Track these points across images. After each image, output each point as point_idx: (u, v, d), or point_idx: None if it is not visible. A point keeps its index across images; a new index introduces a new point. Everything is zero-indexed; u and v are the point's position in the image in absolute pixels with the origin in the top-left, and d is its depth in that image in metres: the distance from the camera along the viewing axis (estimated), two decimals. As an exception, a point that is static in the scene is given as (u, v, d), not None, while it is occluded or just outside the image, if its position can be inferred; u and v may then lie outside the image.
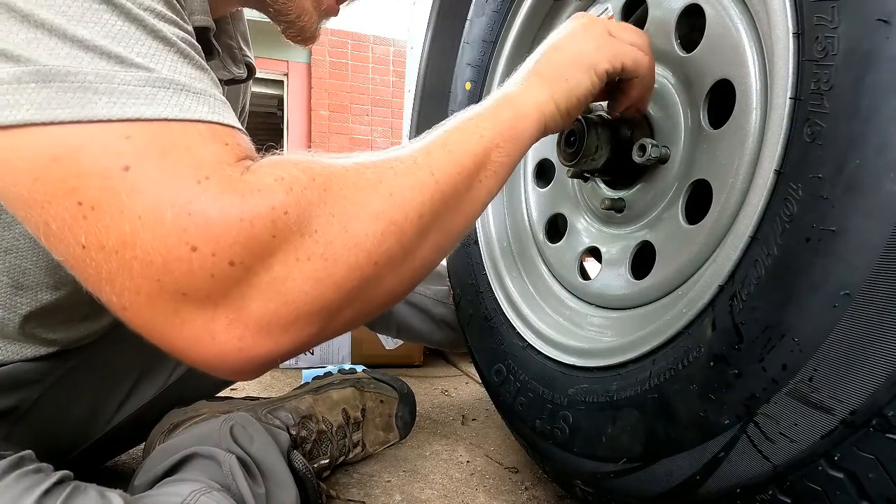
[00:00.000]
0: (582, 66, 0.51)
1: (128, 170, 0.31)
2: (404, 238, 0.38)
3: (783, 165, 0.40)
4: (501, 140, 0.45)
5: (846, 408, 0.35)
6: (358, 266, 0.36)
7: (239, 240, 0.32)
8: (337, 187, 0.36)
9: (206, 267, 0.31)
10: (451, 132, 0.44)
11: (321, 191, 0.35)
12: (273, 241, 0.33)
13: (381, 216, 0.37)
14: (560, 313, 0.71)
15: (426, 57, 1.32)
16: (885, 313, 0.33)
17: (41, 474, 0.42)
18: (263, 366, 0.36)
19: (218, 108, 0.36)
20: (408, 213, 0.38)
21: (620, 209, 0.64)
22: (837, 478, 0.36)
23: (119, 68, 0.32)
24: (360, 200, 0.37)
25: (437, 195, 0.40)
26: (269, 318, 0.34)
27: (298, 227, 0.34)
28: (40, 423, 0.59)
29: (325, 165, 0.37)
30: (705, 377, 0.44)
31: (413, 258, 0.40)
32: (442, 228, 0.42)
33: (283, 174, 0.35)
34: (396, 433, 0.89)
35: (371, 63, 5.91)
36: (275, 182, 0.34)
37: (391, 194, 0.38)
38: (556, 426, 0.61)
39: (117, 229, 0.31)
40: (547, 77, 0.50)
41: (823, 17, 0.38)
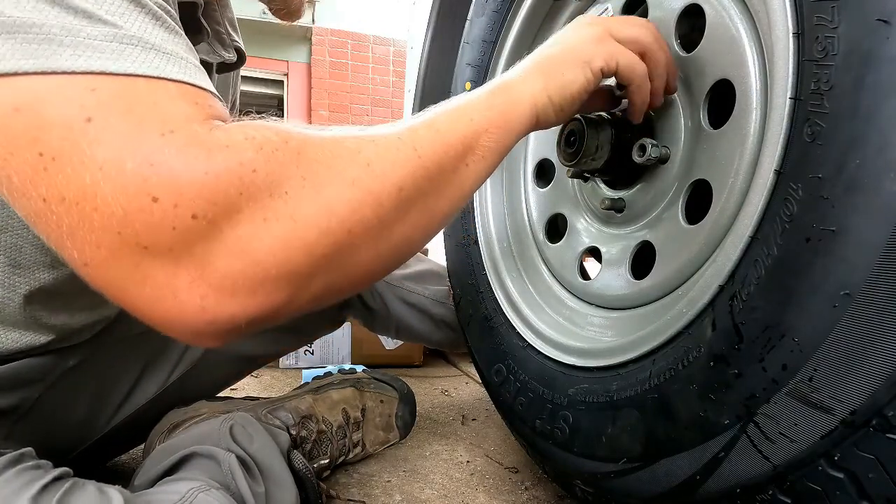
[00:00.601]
0: (578, 62, 0.51)
1: (90, 121, 0.30)
2: (381, 210, 0.38)
3: (783, 165, 0.40)
4: (491, 126, 0.45)
5: (846, 408, 0.35)
6: (330, 231, 0.35)
7: (202, 193, 0.31)
8: (312, 152, 0.36)
9: (167, 218, 0.31)
10: (440, 113, 0.44)
11: (294, 154, 0.35)
12: (240, 198, 0.32)
13: (357, 184, 0.36)
14: (560, 313, 0.71)
15: (426, 57, 1.32)
16: (885, 313, 0.33)
17: (40, 470, 0.43)
18: (227, 331, 0.34)
19: (190, 70, 0.35)
20: (385, 184, 0.38)
21: (620, 209, 0.64)
22: (837, 478, 0.36)
23: (86, 23, 0.32)
24: (336, 166, 0.36)
25: (421, 171, 0.40)
26: (234, 277, 0.33)
27: (267, 186, 0.33)
28: (41, 423, 0.59)
29: (300, 132, 0.37)
30: (705, 377, 0.44)
31: (391, 232, 0.39)
32: (425, 207, 0.41)
33: (254, 134, 0.34)
34: (396, 433, 0.89)
35: (371, 63, 5.91)
36: (245, 140, 0.33)
37: (369, 164, 0.37)
38: (556, 426, 0.61)
39: (78, 180, 0.30)
40: (543, 70, 0.50)
41: (823, 17, 0.38)
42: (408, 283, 0.97)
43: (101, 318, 0.61)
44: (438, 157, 0.41)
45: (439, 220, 0.44)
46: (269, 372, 1.39)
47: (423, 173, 0.40)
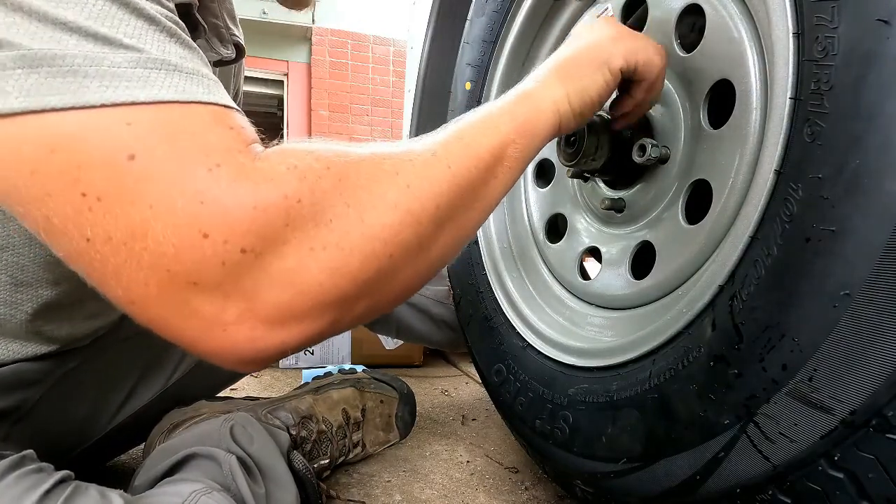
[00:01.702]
0: (596, 64, 0.51)
1: (133, 158, 0.30)
2: (421, 229, 0.38)
3: (783, 165, 0.40)
4: (517, 135, 0.45)
5: (846, 408, 0.35)
6: (374, 256, 0.35)
7: (252, 228, 0.31)
8: (353, 177, 0.36)
9: (217, 254, 0.31)
10: (468, 126, 0.44)
11: (336, 180, 0.35)
12: (286, 229, 0.32)
13: (399, 206, 0.37)
14: (560, 313, 0.71)
15: (426, 57, 1.33)
16: (885, 313, 0.33)
17: (42, 474, 0.42)
18: (274, 357, 0.35)
19: (213, 89, 0.35)
20: (425, 204, 0.38)
21: (620, 209, 0.64)
22: (837, 478, 0.36)
23: (108, 50, 0.31)
24: (377, 190, 0.36)
25: (455, 188, 0.40)
26: (282, 308, 0.33)
27: (312, 216, 0.33)
28: (41, 424, 0.59)
29: (340, 154, 0.37)
30: (705, 377, 0.44)
31: (429, 250, 0.40)
32: (458, 221, 0.42)
33: (296, 162, 0.34)
34: (396, 433, 0.89)
35: (371, 63, 5.90)
36: (287, 171, 0.33)
37: (408, 186, 0.37)
38: (556, 426, 0.61)
39: (126, 220, 0.30)
40: (563, 75, 0.50)
41: (823, 17, 0.38)
42: None
43: (104, 324, 0.61)
44: (470, 171, 0.41)
45: (470, 233, 0.44)
46: (269, 372, 1.39)
47: (457, 189, 0.40)
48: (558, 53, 0.53)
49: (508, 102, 0.47)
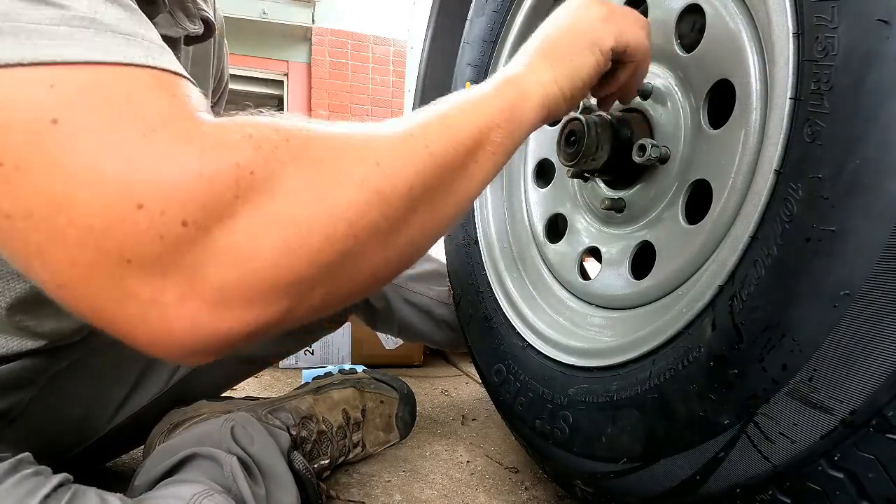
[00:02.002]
0: (586, 43, 0.48)
1: (56, 123, 0.27)
2: (390, 211, 0.35)
3: (783, 165, 0.40)
4: (502, 120, 0.43)
5: (846, 408, 0.35)
6: (337, 237, 0.32)
7: (194, 197, 0.28)
8: (316, 150, 0.33)
9: (154, 227, 0.27)
10: (450, 108, 0.42)
11: (296, 152, 0.32)
12: (235, 202, 0.29)
13: (366, 184, 0.33)
14: (560, 313, 0.71)
15: (426, 57, 1.33)
16: (885, 313, 0.33)
17: (40, 477, 0.42)
18: (222, 347, 0.31)
19: (154, 52, 0.31)
20: (396, 184, 0.35)
21: (620, 209, 0.64)
22: (837, 478, 0.36)
23: (24, 5, 0.28)
24: (343, 165, 0.33)
25: (431, 169, 0.38)
26: (229, 289, 0.29)
27: (268, 188, 0.30)
28: (36, 424, 0.59)
29: (303, 128, 0.34)
30: (705, 377, 0.44)
31: (398, 235, 0.36)
32: (433, 206, 0.39)
33: (251, 131, 0.31)
34: (396, 433, 0.89)
35: (371, 63, 5.90)
36: (241, 138, 0.30)
37: (378, 163, 0.34)
38: (556, 426, 0.61)
39: (49, 190, 0.27)
40: (550, 57, 0.48)
41: (823, 17, 0.38)
42: (412, 284, 0.97)
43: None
44: (449, 153, 0.39)
45: (446, 222, 0.42)
46: (269, 372, 1.39)
47: (434, 171, 0.38)
48: (545, 31, 0.50)
49: (494, 87, 0.45)
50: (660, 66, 0.60)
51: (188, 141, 0.29)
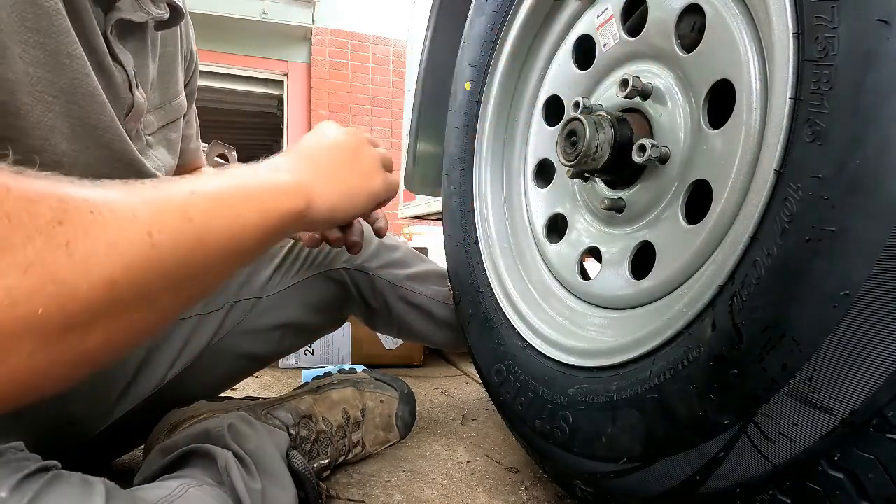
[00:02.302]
0: (365, 193, 0.56)
1: None
2: (74, 308, 0.29)
3: (783, 165, 0.40)
4: (259, 228, 0.40)
5: (846, 408, 0.35)
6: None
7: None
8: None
9: None
10: (199, 195, 0.37)
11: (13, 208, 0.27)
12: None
13: (34, 271, 0.27)
14: (560, 313, 0.71)
15: (426, 57, 1.32)
16: (885, 313, 0.33)
17: (25, 462, 0.42)
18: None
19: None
20: (90, 277, 0.29)
21: (620, 209, 0.64)
22: (837, 478, 0.36)
23: None
24: (14, 240, 0.27)
25: (153, 264, 0.32)
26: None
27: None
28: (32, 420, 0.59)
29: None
30: (705, 377, 0.44)
31: (84, 339, 0.30)
32: (148, 306, 0.33)
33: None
34: (396, 433, 0.89)
35: (371, 63, 5.90)
36: None
37: (68, 243, 0.28)
38: (556, 426, 0.61)
39: None
40: (329, 187, 0.51)
41: (823, 17, 0.38)
42: (410, 283, 0.97)
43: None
44: (183, 253, 0.34)
45: (164, 321, 0.36)
46: (269, 372, 1.39)
47: (157, 267, 0.32)
48: (329, 154, 0.54)
49: (258, 185, 0.43)
50: (660, 66, 0.60)
51: None
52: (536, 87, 0.82)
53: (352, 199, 0.55)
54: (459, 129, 0.89)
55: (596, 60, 0.70)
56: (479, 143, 0.86)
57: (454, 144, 0.91)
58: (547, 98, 0.80)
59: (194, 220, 0.35)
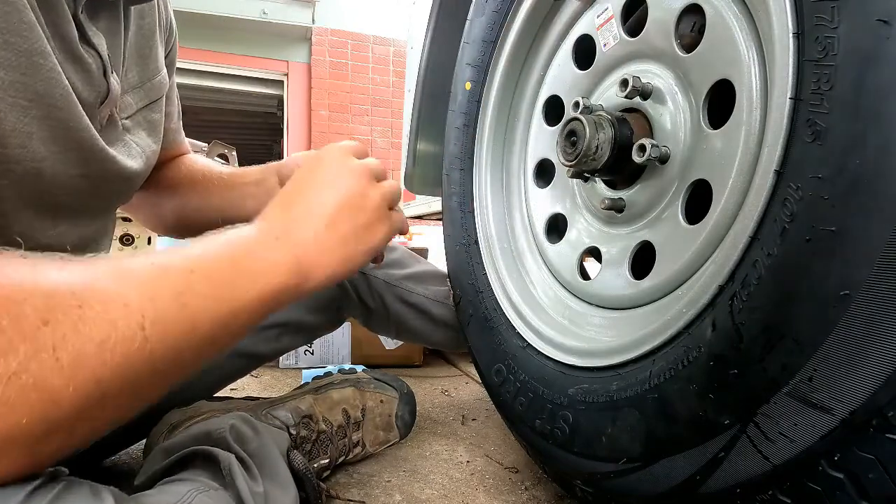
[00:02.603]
0: (364, 254, 0.51)
1: None
2: (59, 414, 0.28)
3: (783, 165, 0.40)
4: (253, 306, 0.39)
5: (846, 408, 0.35)
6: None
7: None
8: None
9: None
10: (197, 275, 0.35)
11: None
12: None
13: (16, 380, 0.26)
14: (560, 313, 0.71)
15: (426, 57, 1.32)
16: (885, 313, 0.33)
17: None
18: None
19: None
20: (78, 380, 0.28)
21: (620, 209, 0.64)
22: (837, 478, 0.36)
23: None
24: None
25: (142, 362, 0.31)
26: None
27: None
28: None
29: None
30: (705, 377, 0.44)
31: (71, 434, 0.30)
32: (123, 404, 0.32)
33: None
34: (396, 433, 0.89)
35: (371, 63, 5.90)
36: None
37: (54, 347, 0.27)
38: (556, 426, 0.61)
39: None
40: (327, 254, 0.48)
41: (823, 17, 0.38)
42: (407, 283, 0.97)
43: None
44: (176, 343, 0.32)
45: (149, 402, 0.35)
46: (269, 372, 1.39)
47: (148, 361, 0.31)
48: (316, 217, 0.49)
49: (258, 263, 0.41)
50: (660, 66, 0.60)
51: None
52: (536, 87, 0.82)
53: (352, 262, 0.51)
54: (459, 129, 0.89)
55: (596, 60, 0.70)
56: (479, 143, 0.86)
57: (454, 144, 0.91)
58: (547, 98, 0.80)
59: (189, 305, 0.34)
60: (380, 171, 0.56)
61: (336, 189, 0.51)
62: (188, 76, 5.38)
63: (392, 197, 0.57)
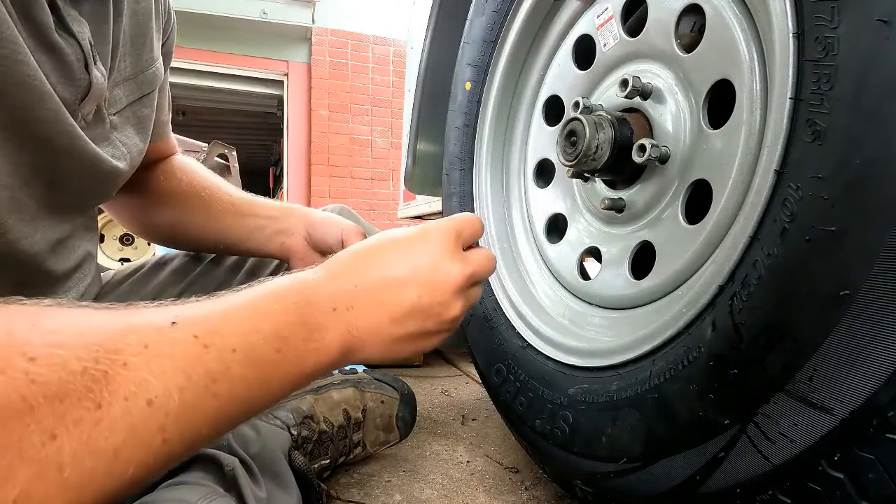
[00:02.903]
0: (405, 353, 0.43)
1: None
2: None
3: (783, 165, 0.40)
4: (285, 390, 0.35)
5: (846, 408, 0.35)
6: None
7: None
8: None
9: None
10: (239, 355, 0.31)
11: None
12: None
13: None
14: (560, 313, 0.71)
15: (426, 57, 1.32)
16: (885, 313, 0.33)
17: None
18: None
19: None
20: (84, 498, 0.25)
21: (620, 209, 0.64)
22: (837, 478, 0.36)
23: None
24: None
25: (161, 459, 0.28)
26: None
27: None
28: None
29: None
30: (705, 377, 0.44)
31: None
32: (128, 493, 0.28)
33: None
34: (397, 433, 0.89)
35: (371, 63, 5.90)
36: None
37: (61, 467, 0.23)
38: (556, 426, 0.61)
39: None
40: (378, 347, 0.41)
41: (823, 17, 0.38)
42: None
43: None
44: (196, 438, 0.29)
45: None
46: (270, 372, 1.39)
47: (161, 464, 0.28)
48: (393, 302, 0.41)
49: (305, 344, 0.36)
50: (660, 66, 0.60)
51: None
52: (536, 87, 0.82)
53: (395, 356, 0.44)
54: (459, 129, 0.89)
55: (596, 60, 0.70)
56: (479, 143, 0.86)
57: (454, 144, 0.91)
58: (547, 98, 0.80)
59: (221, 395, 0.30)
60: (484, 267, 0.46)
61: (421, 288, 0.42)
62: (188, 76, 5.38)
63: (476, 298, 0.48)
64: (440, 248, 0.44)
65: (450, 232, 0.45)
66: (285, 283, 0.38)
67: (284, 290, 0.37)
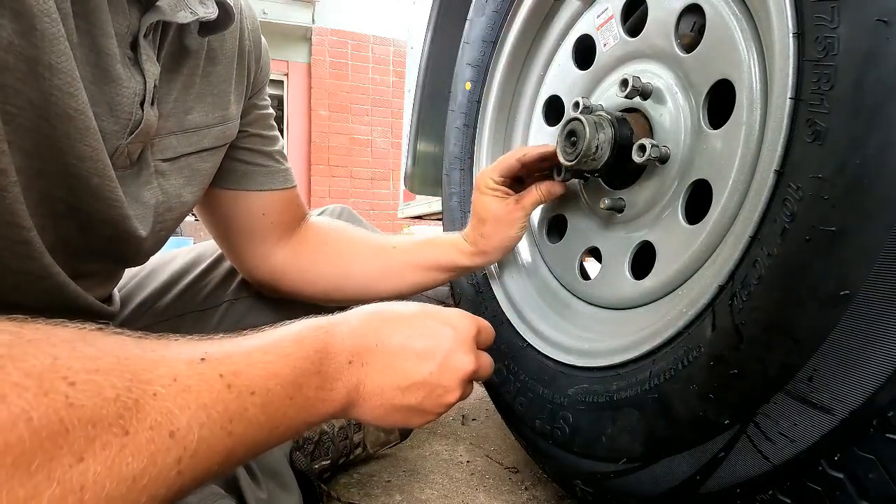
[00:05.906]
0: (399, 422, 0.45)
1: None
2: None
3: (783, 165, 0.40)
4: (290, 434, 0.37)
5: (846, 408, 0.35)
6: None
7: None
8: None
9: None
10: (256, 398, 0.33)
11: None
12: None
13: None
14: (560, 313, 0.71)
15: (426, 57, 1.33)
16: (885, 313, 0.33)
17: None
18: None
19: None
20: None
21: (620, 209, 0.64)
22: (837, 478, 0.36)
23: None
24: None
25: (173, 492, 0.28)
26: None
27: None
28: None
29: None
30: (705, 377, 0.44)
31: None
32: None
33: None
34: (397, 434, 0.89)
35: (371, 63, 5.90)
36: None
37: (83, 488, 0.24)
38: (556, 426, 0.61)
39: None
40: (379, 409, 0.43)
41: (823, 17, 0.38)
42: None
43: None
44: (207, 473, 0.30)
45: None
46: (270, 372, 1.39)
47: (171, 496, 0.28)
48: (406, 369, 0.44)
49: (315, 392, 0.38)
50: (660, 65, 0.60)
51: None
52: (536, 87, 0.82)
53: (390, 423, 0.46)
54: (459, 129, 0.89)
55: (596, 60, 0.70)
56: (479, 143, 0.86)
57: (454, 144, 0.91)
58: (547, 98, 0.80)
59: (234, 434, 0.31)
60: (486, 370, 0.51)
61: (435, 367, 0.45)
62: (188, 76, 5.38)
63: (468, 394, 0.50)
64: (463, 337, 0.47)
65: (473, 328, 0.49)
66: (310, 328, 0.40)
67: (309, 338, 0.39)
